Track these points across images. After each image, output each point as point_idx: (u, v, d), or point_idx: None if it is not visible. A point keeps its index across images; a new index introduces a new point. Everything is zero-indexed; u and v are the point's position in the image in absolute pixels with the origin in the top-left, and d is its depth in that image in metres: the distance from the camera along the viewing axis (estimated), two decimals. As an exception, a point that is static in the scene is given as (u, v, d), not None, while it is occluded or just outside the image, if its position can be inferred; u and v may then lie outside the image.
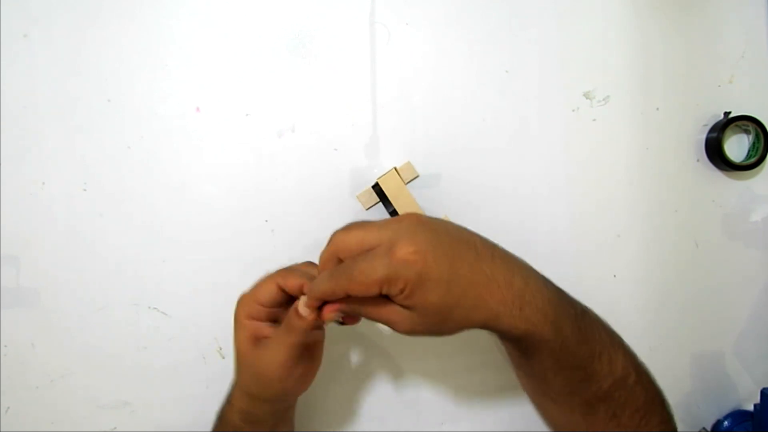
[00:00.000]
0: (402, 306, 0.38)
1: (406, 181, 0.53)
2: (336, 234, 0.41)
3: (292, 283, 0.44)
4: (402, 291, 0.37)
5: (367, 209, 0.55)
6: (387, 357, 0.56)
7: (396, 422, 0.56)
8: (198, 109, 0.55)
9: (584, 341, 0.41)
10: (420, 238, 0.37)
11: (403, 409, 0.56)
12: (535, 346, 0.40)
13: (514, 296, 0.39)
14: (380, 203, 0.54)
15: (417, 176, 0.55)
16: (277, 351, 0.43)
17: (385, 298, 0.39)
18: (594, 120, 0.56)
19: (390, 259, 0.36)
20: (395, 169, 0.51)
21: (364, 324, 0.55)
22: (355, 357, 0.56)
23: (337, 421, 0.55)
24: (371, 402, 0.56)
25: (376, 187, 0.52)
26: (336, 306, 0.41)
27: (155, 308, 0.56)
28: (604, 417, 0.42)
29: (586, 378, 0.41)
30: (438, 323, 0.39)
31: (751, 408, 0.54)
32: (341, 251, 0.40)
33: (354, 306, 0.40)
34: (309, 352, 0.45)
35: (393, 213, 0.51)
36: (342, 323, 0.44)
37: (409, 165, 0.54)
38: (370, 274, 0.37)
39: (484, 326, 0.40)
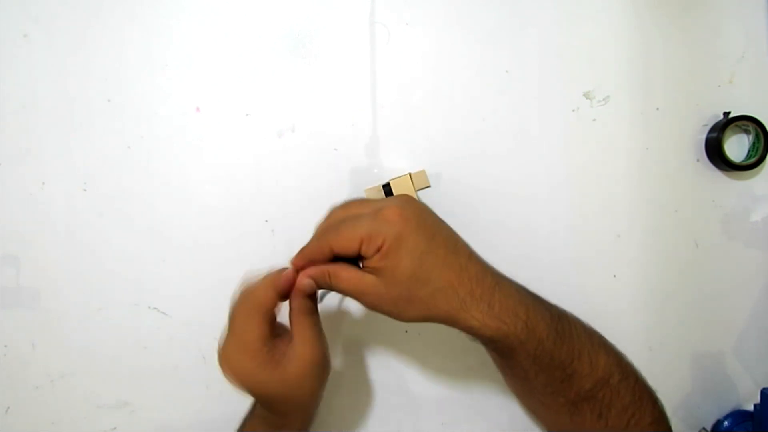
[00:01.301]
0: (374, 270, 0.39)
1: (417, 189, 0.53)
2: (333, 207, 0.43)
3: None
4: (378, 249, 0.38)
5: None
6: (387, 357, 0.56)
7: (396, 422, 0.56)
8: (198, 109, 0.55)
9: (562, 342, 0.42)
10: (407, 208, 0.40)
11: (403, 409, 0.56)
12: (511, 347, 0.41)
13: (483, 291, 0.40)
14: None
15: (428, 186, 0.55)
16: (306, 340, 0.41)
17: (357, 268, 0.40)
18: (594, 120, 0.56)
19: (375, 218, 0.39)
20: (410, 175, 0.51)
21: (364, 324, 0.55)
22: (355, 357, 0.56)
23: (337, 421, 0.55)
24: (371, 402, 0.56)
25: (387, 187, 0.52)
26: (309, 271, 0.41)
27: (155, 308, 0.56)
28: (591, 417, 0.42)
29: (567, 378, 0.42)
30: (404, 298, 0.39)
31: (751, 408, 0.54)
32: (335, 219, 0.42)
33: (326, 271, 0.41)
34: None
35: None
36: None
37: (423, 174, 0.54)
38: (355, 229, 0.39)
39: (450, 318, 0.40)
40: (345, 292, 0.41)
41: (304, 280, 0.42)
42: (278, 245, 0.55)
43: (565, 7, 0.55)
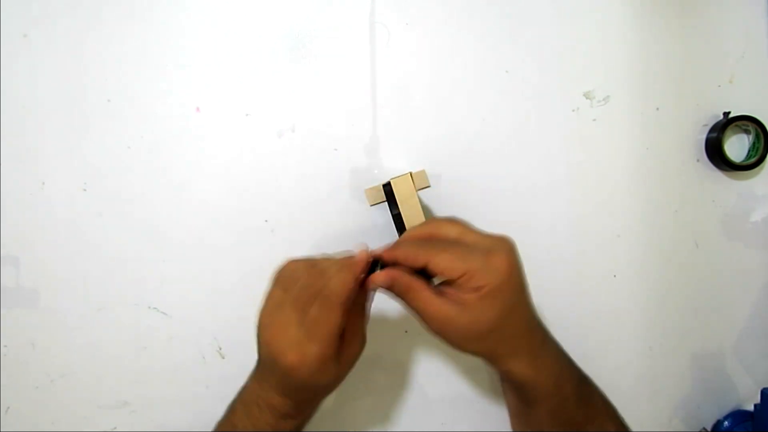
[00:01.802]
0: (460, 301, 0.40)
1: (417, 188, 0.53)
2: (436, 219, 0.45)
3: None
4: (478, 289, 0.39)
5: (371, 205, 0.55)
6: (387, 357, 0.56)
7: (396, 422, 0.56)
8: (198, 109, 0.55)
9: (582, 405, 0.44)
10: (514, 262, 0.41)
11: (403, 409, 0.56)
12: (536, 398, 0.43)
13: (533, 345, 0.43)
14: (385, 203, 0.54)
15: (428, 186, 0.55)
16: (360, 337, 0.44)
17: (436, 291, 0.41)
18: (594, 120, 0.56)
19: (485, 260, 0.40)
20: (410, 174, 0.51)
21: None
22: (355, 357, 0.56)
23: (337, 421, 0.55)
24: (371, 402, 0.56)
25: (387, 187, 0.52)
26: (394, 274, 0.42)
27: (155, 308, 0.56)
28: None
29: None
30: (475, 335, 0.41)
31: (751, 408, 0.54)
32: (437, 234, 0.43)
33: (409, 284, 0.41)
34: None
35: (397, 216, 0.50)
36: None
37: (423, 173, 0.54)
38: (463, 261, 0.39)
39: (498, 359, 0.43)
40: (415, 310, 0.42)
41: (382, 278, 0.42)
42: (278, 245, 0.55)
43: (565, 7, 0.55)
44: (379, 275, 0.42)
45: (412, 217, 0.49)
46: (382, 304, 0.56)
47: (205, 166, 0.55)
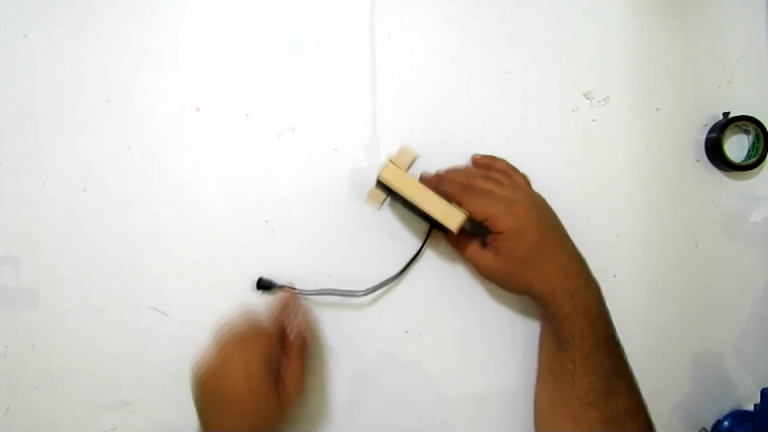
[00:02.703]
0: (493, 247, 0.48)
1: (406, 167, 0.52)
2: (473, 170, 0.54)
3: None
4: (501, 233, 0.47)
5: (380, 207, 0.55)
6: (387, 357, 0.56)
7: (396, 422, 0.56)
8: (198, 109, 0.55)
9: (614, 355, 0.48)
10: (533, 209, 0.48)
11: (403, 409, 0.56)
12: (572, 336, 0.47)
13: (571, 286, 0.48)
14: (391, 195, 0.53)
15: (417, 157, 0.54)
16: (300, 381, 0.48)
17: (480, 243, 0.50)
18: (594, 120, 0.56)
19: (507, 208, 0.47)
20: (390, 161, 0.50)
21: (364, 324, 0.55)
22: (355, 358, 0.56)
23: (337, 422, 0.55)
24: (371, 402, 0.56)
25: (380, 184, 0.52)
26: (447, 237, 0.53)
27: (155, 308, 0.56)
28: None
29: (608, 391, 0.47)
30: (511, 275, 0.49)
31: (751, 408, 0.54)
32: (474, 179, 0.50)
33: (458, 240, 0.52)
34: None
35: (405, 202, 0.50)
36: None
37: (403, 150, 0.53)
38: (488, 207, 0.47)
39: (540, 297, 0.49)
40: (468, 260, 0.52)
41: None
42: (278, 245, 0.55)
43: (565, 7, 0.55)
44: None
45: (418, 195, 0.48)
46: (383, 304, 0.56)
47: (205, 166, 0.55)
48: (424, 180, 0.52)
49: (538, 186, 0.55)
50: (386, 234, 0.55)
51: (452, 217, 0.48)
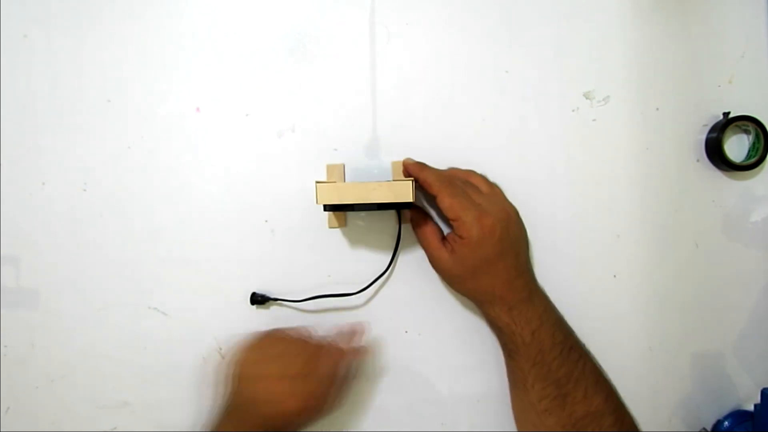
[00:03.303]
0: (451, 247, 0.49)
1: (340, 179, 0.53)
2: (470, 173, 0.54)
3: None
4: (461, 237, 0.48)
5: (346, 224, 0.55)
6: (387, 357, 0.56)
7: (396, 422, 0.56)
8: (198, 109, 0.55)
9: (562, 362, 0.49)
10: (498, 226, 0.49)
11: (403, 409, 0.56)
12: (516, 346, 0.49)
13: (511, 299, 0.50)
14: (346, 209, 0.52)
15: (343, 165, 0.55)
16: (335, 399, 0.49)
17: (441, 237, 0.52)
18: (594, 120, 0.56)
19: (476, 217, 0.48)
20: (317, 182, 0.49)
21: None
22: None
23: (337, 422, 0.55)
24: (371, 402, 0.56)
25: (327, 207, 0.50)
26: (414, 214, 0.53)
27: (155, 308, 0.56)
28: None
29: (560, 396, 0.48)
30: (458, 276, 0.51)
31: (751, 408, 0.54)
32: (459, 178, 0.52)
33: (422, 223, 0.53)
34: None
35: (361, 206, 0.49)
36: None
37: (329, 167, 0.54)
38: (461, 209, 0.48)
39: (479, 304, 0.52)
40: (422, 246, 0.53)
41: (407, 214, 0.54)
42: (278, 245, 0.55)
43: (565, 7, 0.55)
44: (406, 211, 0.53)
45: (363, 193, 0.48)
46: (382, 304, 0.56)
47: (205, 166, 0.55)
48: (407, 165, 0.52)
49: (538, 185, 0.55)
50: (386, 233, 0.55)
51: (403, 192, 0.48)
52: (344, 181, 0.54)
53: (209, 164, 0.55)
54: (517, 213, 0.53)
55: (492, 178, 0.55)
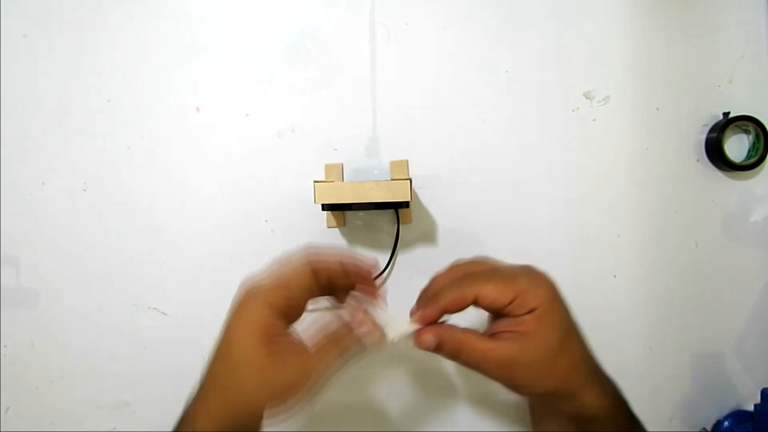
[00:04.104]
0: (517, 335, 0.37)
1: (338, 179, 0.53)
2: (460, 261, 0.42)
3: (333, 267, 0.39)
4: (531, 310, 0.37)
5: (345, 224, 0.55)
6: (387, 357, 0.56)
7: (396, 422, 0.56)
8: (198, 109, 0.55)
9: (633, 424, 0.41)
10: (551, 278, 0.39)
11: (403, 409, 0.56)
12: (597, 428, 0.39)
13: (598, 370, 0.40)
14: (344, 209, 0.52)
15: (342, 164, 0.54)
16: (310, 366, 0.36)
17: (491, 337, 0.38)
18: (594, 120, 0.56)
19: (531, 278, 0.37)
20: (315, 182, 0.49)
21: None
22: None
23: (337, 422, 0.55)
24: (371, 402, 0.56)
25: (325, 206, 0.50)
26: (440, 332, 0.38)
27: (155, 308, 0.56)
28: None
29: None
30: (546, 367, 0.37)
31: (751, 408, 0.54)
32: (470, 271, 0.40)
33: (459, 340, 0.38)
34: None
35: (359, 206, 0.50)
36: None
37: (328, 167, 0.53)
38: (513, 283, 0.37)
39: (575, 393, 0.38)
40: (473, 364, 0.38)
41: (429, 340, 0.38)
42: (278, 245, 0.55)
43: (566, 7, 0.55)
44: (425, 337, 0.38)
45: (359, 192, 0.48)
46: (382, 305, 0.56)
47: (205, 166, 0.55)
48: (428, 315, 0.39)
49: (538, 185, 0.55)
50: (386, 233, 0.55)
51: (401, 191, 0.47)
52: (342, 180, 0.54)
53: (209, 164, 0.55)
54: None
55: (492, 178, 0.55)
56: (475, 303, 0.38)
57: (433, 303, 0.39)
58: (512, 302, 0.37)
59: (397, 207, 0.51)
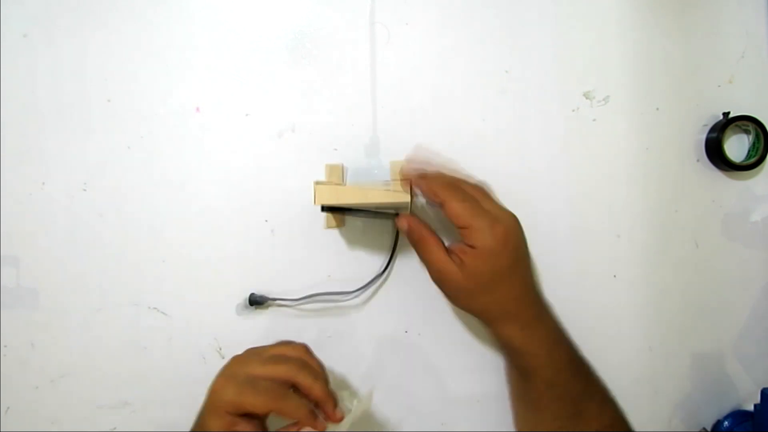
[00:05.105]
0: (460, 260, 0.45)
1: (339, 181, 0.53)
2: (468, 179, 0.49)
3: (315, 391, 0.44)
4: (474, 248, 0.45)
5: (344, 225, 0.55)
6: (387, 357, 0.56)
7: (396, 422, 0.56)
8: (198, 109, 0.55)
9: (578, 378, 0.47)
10: (512, 235, 0.46)
11: (403, 409, 0.56)
12: (531, 367, 0.46)
13: (525, 316, 0.47)
14: (344, 212, 0.52)
15: (344, 167, 0.54)
16: None
17: (445, 248, 0.47)
18: (594, 120, 0.56)
19: (490, 225, 0.45)
20: (315, 183, 0.49)
21: (364, 324, 0.55)
22: (355, 357, 0.56)
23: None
24: (371, 402, 0.56)
25: (324, 208, 0.51)
26: (410, 222, 0.48)
27: (155, 308, 0.56)
28: None
29: (576, 414, 0.46)
30: (469, 291, 0.46)
31: (751, 408, 0.54)
32: (462, 187, 0.47)
33: (421, 233, 0.48)
34: None
35: (358, 211, 0.50)
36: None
37: (330, 167, 0.53)
38: (472, 216, 0.45)
39: (491, 322, 0.48)
40: (423, 259, 0.48)
41: (401, 222, 0.49)
42: (278, 245, 0.55)
43: (565, 7, 0.55)
44: (402, 222, 0.49)
45: (361, 197, 0.48)
46: (382, 304, 0.56)
47: (205, 166, 0.55)
48: (407, 173, 0.49)
49: (538, 185, 0.55)
50: (385, 233, 0.55)
51: (401, 194, 0.48)
52: (343, 180, 0.54)
53: (209, 164, 0.55)
54: (520, 222, 0.49)
55: (492, 178, 0.55)
56: (441, 206, 0.46)
57: (419, 179, 0.48)
58: (463, 229, 0.45)
59: (397, 215, 0.51)
